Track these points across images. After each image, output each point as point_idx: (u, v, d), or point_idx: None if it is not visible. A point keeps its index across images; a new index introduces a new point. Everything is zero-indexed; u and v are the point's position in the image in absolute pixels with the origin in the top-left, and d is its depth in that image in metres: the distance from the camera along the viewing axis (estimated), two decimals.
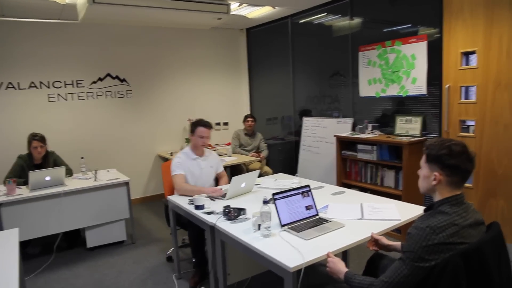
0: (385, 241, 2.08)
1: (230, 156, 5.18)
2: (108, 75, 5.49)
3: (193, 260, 3.47)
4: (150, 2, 3.88)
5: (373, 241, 2.12)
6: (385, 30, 4.39)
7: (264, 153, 5.49)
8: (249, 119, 5.60)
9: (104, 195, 3.98)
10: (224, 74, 6.50)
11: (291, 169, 5.62)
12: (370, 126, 4.40)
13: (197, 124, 3.41)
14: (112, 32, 5.42)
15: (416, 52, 3.86)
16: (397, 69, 4.07)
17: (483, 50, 3.35)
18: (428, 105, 3.95)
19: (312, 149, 5.28)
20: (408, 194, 3.76)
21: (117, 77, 5.55)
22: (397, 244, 2.07)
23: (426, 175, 1.67)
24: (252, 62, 6.62)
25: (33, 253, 4.05)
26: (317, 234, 2.16)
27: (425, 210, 1.73)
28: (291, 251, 1.96)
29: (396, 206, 2.58)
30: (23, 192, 3.67)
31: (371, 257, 2.17)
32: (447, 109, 3.64)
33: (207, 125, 3.41)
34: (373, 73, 4.37)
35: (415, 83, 3.90)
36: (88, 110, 5.38)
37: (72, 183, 3.96)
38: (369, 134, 4.32)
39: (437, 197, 1.66)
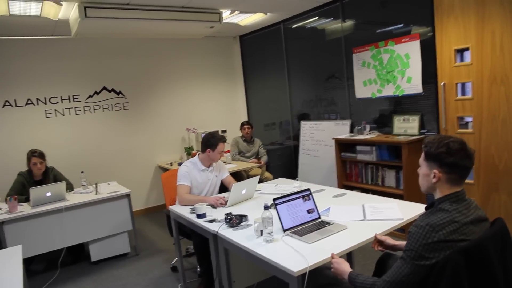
0: (391, 241, 2.08)
1: (230, 163, 5.18)
2: (104, 88, 5.51)
3: (198, 269, 3.48)
4: (142, 14, 3.91)
5: (378, 241, 2.11)
6: (377, 31, 4.41)
7: (264, 159, 5.49)
8: (245, 126, 5.60)
9: (106, 208, 3.97)
10: (220, 82, 6.52)
11: (292, 173, 5.63)
12: (368, 127, 4.41)
13: (217, 140, 3.33)
14: (105, 45, 5.45)
15: (409, 51, 3.89)
16: (392, 69, 4.10)
17: (476, 46, 3.37)
18: (425, 103, 3.96)
19: (312, 153, 5.29)
20: (409, 193, 3.77)
21: (113, 90, 5.57)
22: (402, 243, 2.06)
23: (426, 173, 1.67)
24: (247, 69, 6.65)
25: (37, 269, 4.04)
26: (320, 237, 2.16)
27: (426, 208, 1.73)
28: (294, 256, 1.96)
29: (398, 206, 2.58)
30: (24, 209, 3.67)
31: (380, 257, 2.17)
32: (443, 106, 3.66)
33: (224, 140, 3.42)
34: (368, 74, 4.39)
35: (411, 82, 3.92)
36: (86, 124, 5.39)
37: (74, 198, 3.95)
38: (368, 135, 4.34)
39: (437, 195, 1.66)
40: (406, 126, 4.02)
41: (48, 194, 3.78)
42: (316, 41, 5.29)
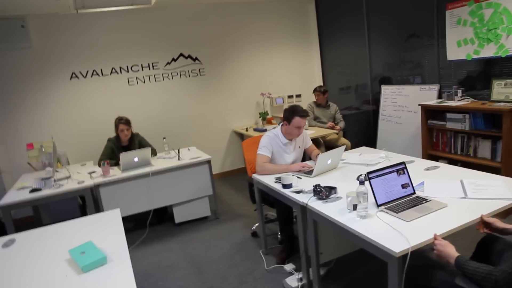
0: (500, 224, 1.89)
1: (306, 129, 5.08)
2: (181, 55, 5.60)
3: (279, 236, 3.52)
4: None
5: (484, 223, 1.94)
6: None
7: (341, 125, 5.30)
8: (316, 92, 5.39)
9: (188, 173, 4.13)
10: (294, 45, 6.33)
11: (370, 140, 5.40)
12: (460, 92, 4.03)
13: (293, 113, 3.16)
14: (181, 13, 5.48)
15: None
16: (495, 26, 3.63)
17: None
18: None
19: (393, 119, 5.00)
20: (509, 166, 3.42)
21: (189, 57, 5.65)
22: None
23: None
24: (323, 31, 6.35)
25: (128, 228, 4.36)
26: (419, 215, 2.03)
27: None
28: (393, 234, 1.87)
29: (504, 183, 2.34)
30: (116, 173, 3.93)
31: (483, 239, 2.00)
32: None
33: (304, 115, 3.18)
34: (463, 33, 3.95)
35: None
36: (165, 91, 5.57)
37: (158, 163, 4.15)
38: (459, 101, 3.97)
39: None
40: (509, 92, 3.59)
41: (136, 159, 4.00)
42: None
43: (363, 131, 5.88)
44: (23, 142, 4.74)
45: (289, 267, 3.07)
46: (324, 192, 2.40)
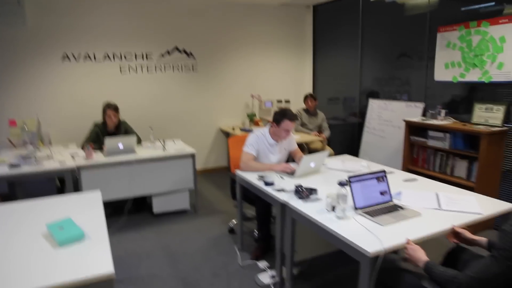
0: (468, 235, 1.99)
1: (292, 134, 5.15)
2: (176, 48, 5.62)
3: (256, 234, 3.56)
4: None
5: (454, 233, 2.03)
6: (468, 8, 4.06)
7: (326, 134, 5.40)
8: (309, 99, 5.51)
9: (172, 165, 4.14)
10: (288, 51, 6.43)
11: (353, 151, 5.50)
12: (443, 112, 4.17)
13: (283, 115, 3.21)
14: (181, 6, 5.51)
15: (506, 34, 3.55)
16: (481, 52, 3.79)
17: None
18: None
19: (377, 132, 5.12)
20: (482, 186, 3.56)
21: (184, 51, 5.67)
22: (482, 239, 1.96)
23: None
24: (317, 40, 6.47)
25: (105, 214, 4.32)
26: (394, 221, 2.11)
27: None
28: (368, 236, 1.94)
29: (476, 199, 2.45)
30: (99, 157, 3.91)
31: (451, 250, 2.09)
32: None
33: (292, 118, 3.23)
34: (452, 56, 4.10)
35: (502, 68, 3.61)
36: (156, 82, 5.57)
37: (142, 152, 4.14)
38: (442, 120, 4.11)
39: None
40: (488, 116, 3.74)
41: (120, 145, 3.99)
42: (396, 17, 4.99)
43: (347, 141, 5.99)
44: (5, 118, 4.66)
45: (262, 264, 3.11)
46: (305, 192, 2.46)
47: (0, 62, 4.70)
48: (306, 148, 5.13)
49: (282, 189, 2.68)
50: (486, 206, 2.32)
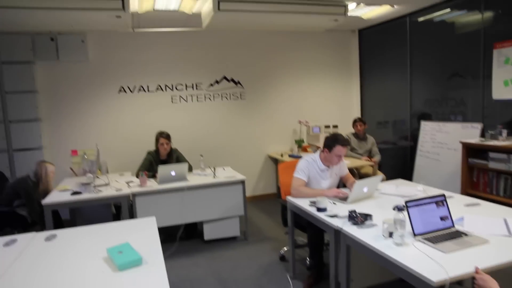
0: None
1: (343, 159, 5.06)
2: (224, 78, 5.80)
3: (308, 262, 3.48)
4: (272, 7, 3.99)
5: None
6: None
7: (377, 158, 5.26)
8: (358, 123, 5.42)
9: (222, 192, 4.19)
10: (335, 76, 6.42)
11: (405, 175, 5.27)
12: (505, 132, 3.93)
13: (335, 141, 3.18)
14: (228, 37, 5.73)
15: None
16: None
17: None
18: None
19: (431, 155, 4.91)
20: None
21: (232, 80, 5.84)
22: None
23: None
24: (364, 64, 6.42)
25: None
26: (457, 248, 1.98)
27: None
28: (430, 264, 1.82)
29: None
30: (152, 184, 4.05)
31: None
32: None
33: (344, 143, 3.20)
34: (511, 73, 3.89)
35: None
36: (206, 111, 5.76)
37: (193, 179, 4.24)
38: (504, 141, 3.86)
39: None
40: None
41: (173, 173, 4.11)
42: (445, 36, 4.85)
43: (399, 165, 5.78)
44: (68, 148, 5.01)
45: None
46: (359, 218, 2.39)
47: (65, 95, 5.12)
48: (356, 173, 5.00)
49: (335, 215, 2.61)
50: None
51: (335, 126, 6.18)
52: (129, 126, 5.41)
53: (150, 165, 4.44)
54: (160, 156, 4.53)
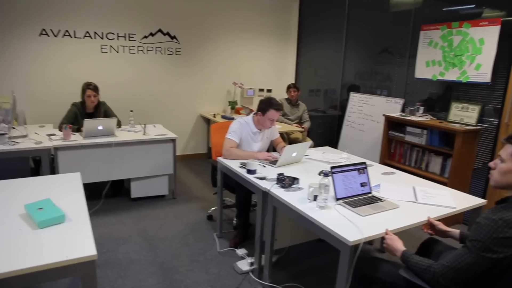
0: (443, 227, 2.07)
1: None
2: (160, 31, 5.51)
3: (235, 222, 3.59)
4: None
5: (429, 225, 2.12)
6: (452, 8, 4.16)
7: (307, 124, 5.46)
8: (291, 89, 5.55)
9: (152, 149, 4.09)
10: (273, 41, 6.41)
11: (332, 143, 5.59)
12: (421, 109, 4.29)
13: (269, 105, 3.24)
14: None
15: (485, 37, 3.66)
16: (461, 53, 3.90)
17: None
18: (489, 94, 3.79)
19: (356, 126, 5.22)
20: (454, 182, 3.69)
21: (168, 34, 5.57)
22: (455, 231, 2.05)
23: (510, 170, 1.63)
24: (302, 31, 6.49)
25: None
26: (373, 212, 2.17)
27: (497, 203, 1.70)
28: (348, 225, 1.99)
29: (450, 194, 2.55)
30: (77, 138, 3.82)
31: (425, 241, 2.18)
32: (511, 101, 3.49)
33: (278, 108, 3.26)
34: (433, 55, 4.20)
35: (479, 69, 3.73)
36: (138, 64, 5.46)
37: (122, 135, 4.07)
38: (420, 117, 4.22)
39: None
40: (464, 115, 3.87)
41: (100, 127, 3.91)
42: (381, 12, 5.06)
43: (326, 133, 6.08)
44: None
45: (241, 251, 3.14)
46: (287, 181, 2.49)
47: None
48: (286, 138, 5.18)
49: (264, 177, 2.70)
50: (459, 201, 2.42)
51: (269, 90, 6.26)
52: (52, 73, 4.96)
53: (75, 118, 4.16)
54: (87, 109, 4.26)
